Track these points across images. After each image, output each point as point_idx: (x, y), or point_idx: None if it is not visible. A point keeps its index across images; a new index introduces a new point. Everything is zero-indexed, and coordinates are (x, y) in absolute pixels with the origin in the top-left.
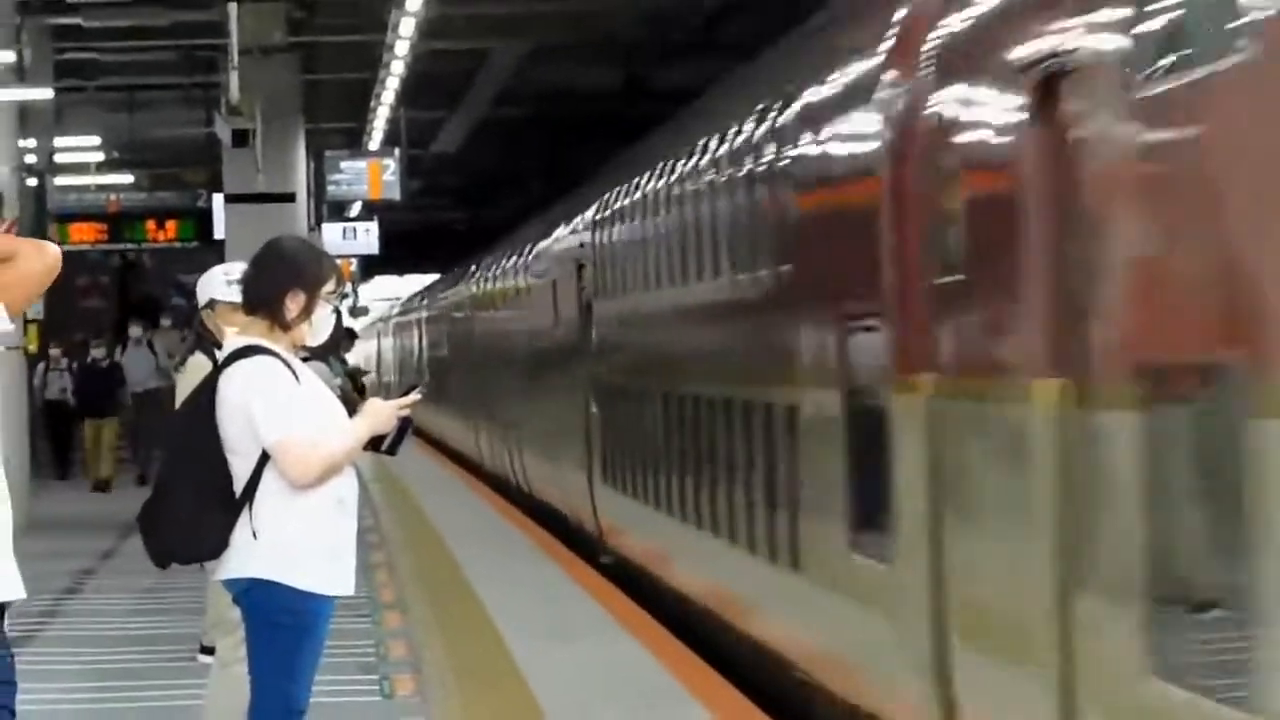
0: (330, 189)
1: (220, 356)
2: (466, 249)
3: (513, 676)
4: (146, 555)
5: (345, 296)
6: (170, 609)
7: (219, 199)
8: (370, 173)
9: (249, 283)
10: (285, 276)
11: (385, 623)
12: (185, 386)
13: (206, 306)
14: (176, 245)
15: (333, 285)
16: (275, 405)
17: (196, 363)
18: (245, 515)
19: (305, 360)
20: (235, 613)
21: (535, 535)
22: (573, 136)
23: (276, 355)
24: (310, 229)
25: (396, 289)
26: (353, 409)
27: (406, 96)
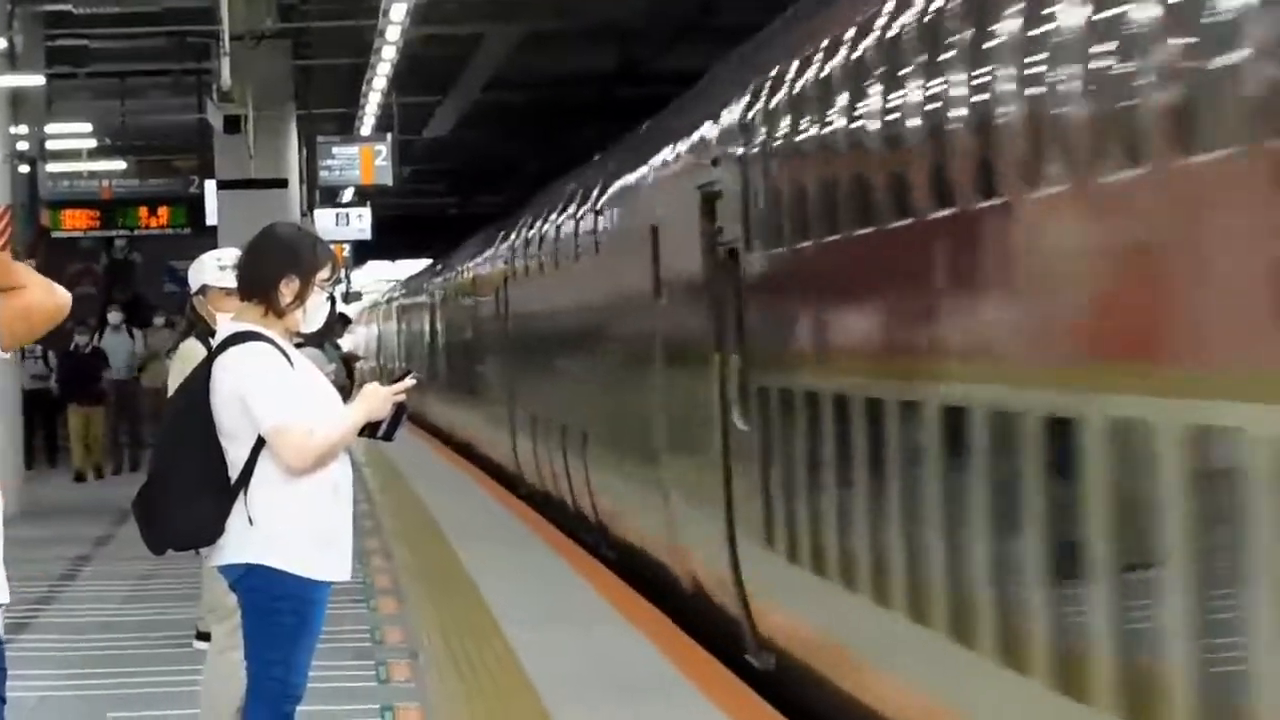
0: (322, 175)
1: (214, 342)
2: (459, 234)
3: (509, 662)
4: (142, 542)
5: (339, 282)
6: (166, 595)
7: (211, 185)
8: (362, 158)
9: (244, 269)
10: (280, 263)
11: (381, 608)
12: (178, 373)
13: (199, 292)
14: (169, 231)
15: (327, 272)
16: (270, 391)
17: (189, 348)
18: (241, 501)
19: (300, 346)
20: (231, 599)
21: (532, 521)
22: (566, 121)
23: (271, 341)
24: (302, 215)
25: (391, 272)
26: (346, 395)
27: (398, 82)
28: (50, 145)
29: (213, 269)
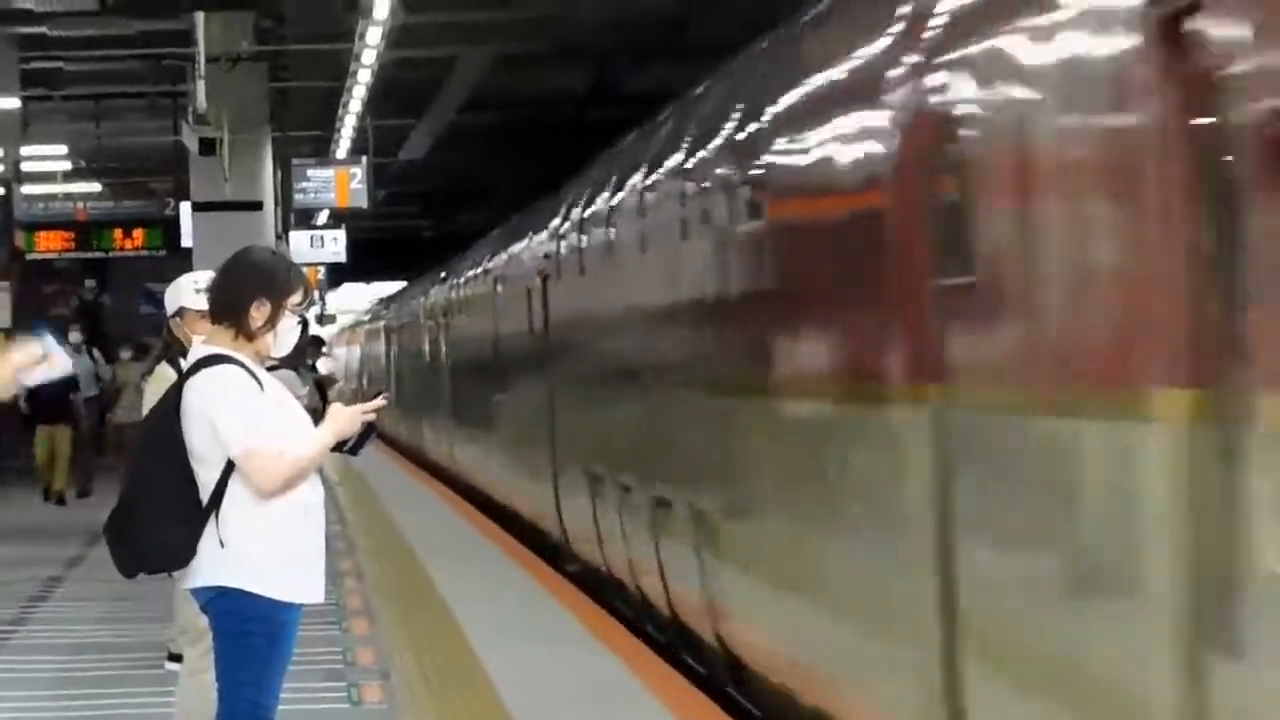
0: (297, 197)
1: (184, 365)
2: (434, 256)
3: (481, 682)
4: (113, 564)
5: (312, 305)
6: (138, 617)
7: (186, 207)
8: (338, 181)
9: (215, 291)
10: (252, 286)
11: (353, 629)
12: (152, 395)
13: (175, 315)
14: (144, 253)
15: (299, 297)
16: (239, 414)
17: (163, 372)
18: (212, 524)
19: (274, 369)
20: (203, 620)
21: (503, 542)
22: (540, 142)
23: (241, 364)
24: (277, 237)
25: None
26: (319, 418)
27: (374, 104)
28: (25, 167)
29: (189, 292)
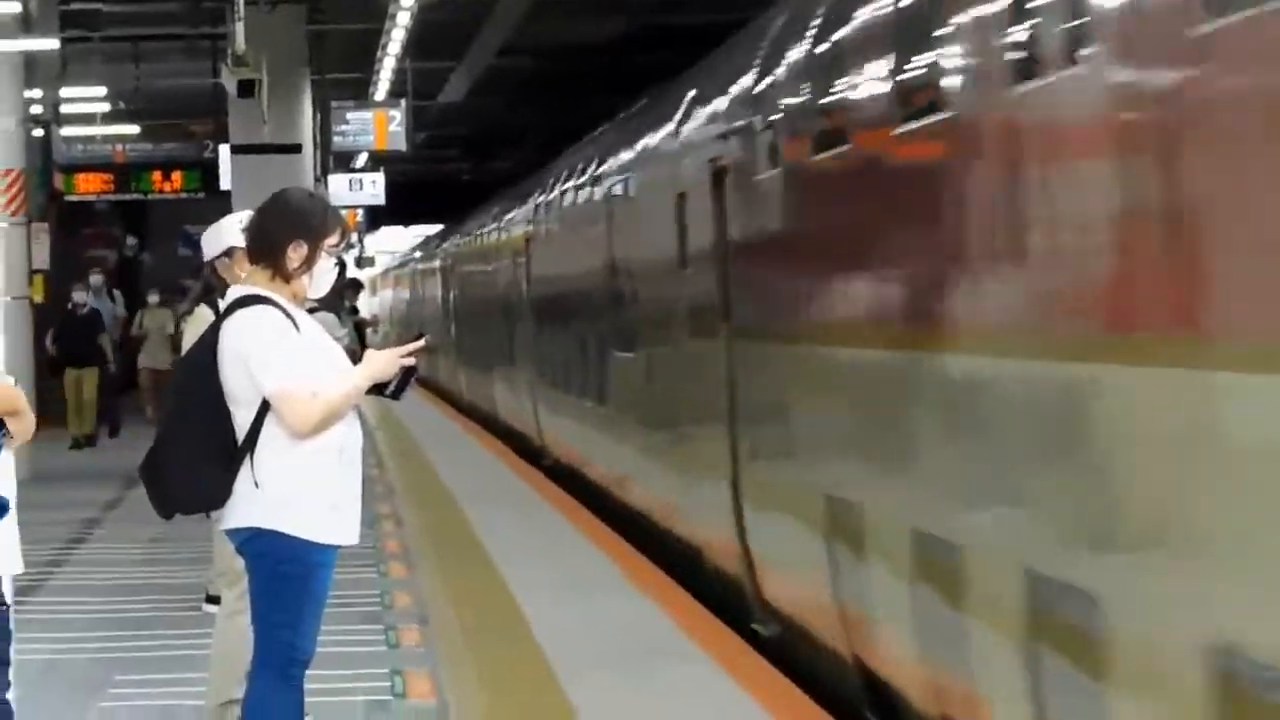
0: (336, 140)
1: (222, 306)
2: (473, 199)
3: (520, 629)
4: (150, 505)
5: (350, 248)
6: (176, 558)
7: (225, 150)
8: (376, 124)
9: (253, 232)
10: (289, 227)
11: (391, 573)
12: (191, 336)
13: (224, 255)
14: (183, 195)
15: (336, 238)
16: (274, 355)
17: (202, 313)
18: (247, 465)
19: (314, 311)
20: (240, 562)
21: (544, 488)
22: (577, 88)
23: (277, 305)
24: (316, 180)
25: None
26: (357, 359)
27: (412, 48)
28: (64, 109)
29: (236, 231)
